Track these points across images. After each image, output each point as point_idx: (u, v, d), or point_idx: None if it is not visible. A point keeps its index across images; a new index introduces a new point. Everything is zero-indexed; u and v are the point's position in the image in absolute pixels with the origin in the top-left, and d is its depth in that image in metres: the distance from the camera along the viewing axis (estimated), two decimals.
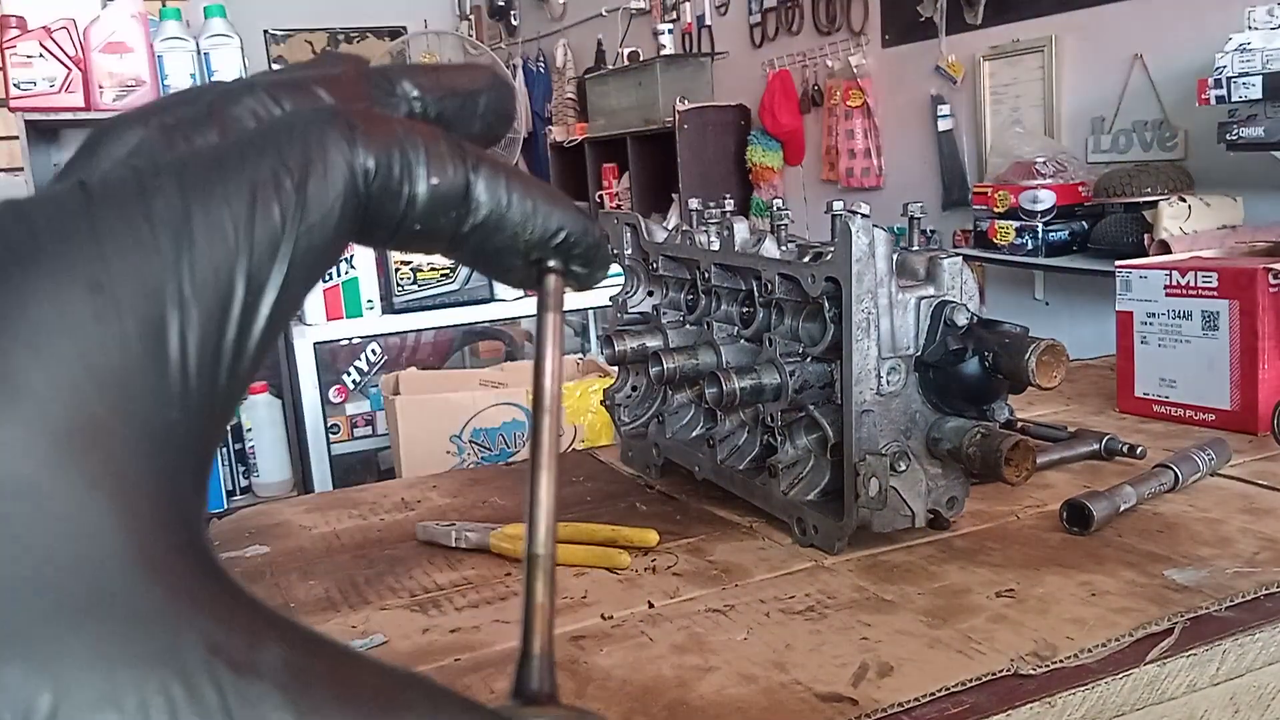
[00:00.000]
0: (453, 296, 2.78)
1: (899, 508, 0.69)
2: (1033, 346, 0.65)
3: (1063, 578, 0.65)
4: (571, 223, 0.23)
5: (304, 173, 0.19)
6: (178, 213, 0.18)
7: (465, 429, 2.27)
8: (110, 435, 0.17)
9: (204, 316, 0.18)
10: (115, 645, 0.15)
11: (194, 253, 0.18)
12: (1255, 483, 0.81)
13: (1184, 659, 0.56)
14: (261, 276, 0.19)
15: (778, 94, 4.68)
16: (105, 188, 0.18)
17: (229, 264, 0.18)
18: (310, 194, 0.19)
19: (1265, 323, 0.91)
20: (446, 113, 0.24)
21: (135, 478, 0.17)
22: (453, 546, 0.78)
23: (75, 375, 0.17)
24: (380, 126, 0.20)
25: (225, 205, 0.19)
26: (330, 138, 0.20)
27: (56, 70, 2.66)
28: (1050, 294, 3.49)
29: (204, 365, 0.18)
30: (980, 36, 3.76)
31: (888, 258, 0.68)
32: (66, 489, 0.16)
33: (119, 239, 0.18)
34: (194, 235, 0.18)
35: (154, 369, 0.17)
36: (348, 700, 0.16)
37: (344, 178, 0.20)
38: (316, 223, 0.19)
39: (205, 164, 0.19)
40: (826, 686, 0.54)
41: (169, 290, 0.18)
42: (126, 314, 0.17)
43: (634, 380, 0.94)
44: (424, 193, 0.21)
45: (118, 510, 0.16)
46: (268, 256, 0.19)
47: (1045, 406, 1.07)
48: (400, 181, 0.20)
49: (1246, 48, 2.52)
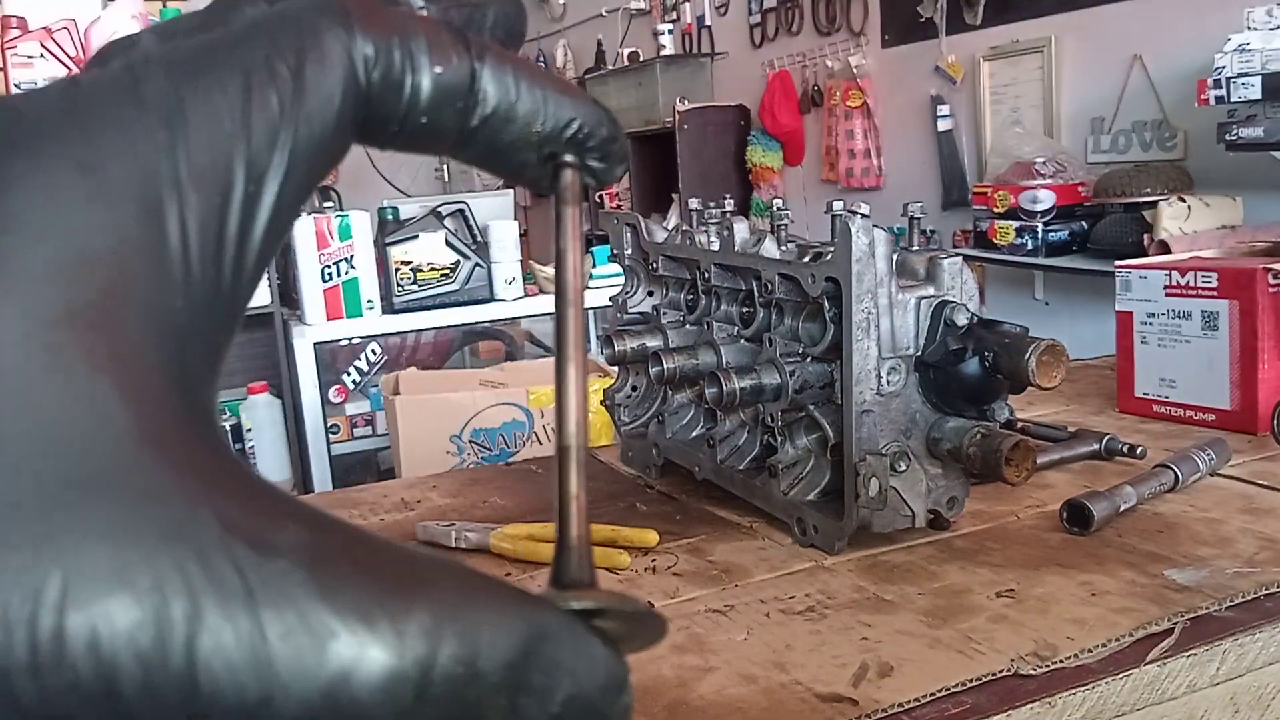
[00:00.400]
0: (453, 296, 2.78)
1: (899, 508, 0.69)
2: (1033, 346, 0.65)
3: (1063, 578, 0.65)
4: (585, 113, 0.22)
5: (300, 59, 0.19)
6: (169, 98, 0.18)
7: (465, 429, 2.27)
8: (110, 319, 0.16)
9: (203, 203, 0.17)
10: (125, 522, 0.14)
11: (189, 137, 0.17)
12: (1255, 483, 0.81)
13: (1184, 659, 0.56)
14: (261, 164, 0.18)
15: (777, 94, 4.68)
16: (96, 81, 0.18)
17: (226, 150, 0.18)
18: (308, 80, 0.19)
19: (1265, 323, 0.91)
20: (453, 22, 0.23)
21: (139, 360, 0.16)
22: (453, 546, 0.78)
23: (68, 257, 0.16)
24: (379, 15, 0.20)
25: (219, 90, 0.18)
26: (325, 25, 0.19)
27: (57, 71, 2.66)
28: (1050, 294, 3.49)
29: (206, 253, 0.17)
30: (980, 37, 3.76)
31: (888, 258, 0.68)
32: (66, 370, 0.15)
33: (106, 121, 0.17)
34: (187, 119, 0.17)
35: (153, 254, 0.17)
36: (373, 576, 0.15)
37: (343, 64, 0.19)
38: (316, 110, 0.19)
39: (196, 52, 0.18)
40: (827, 687, 0.54)
41: (164, 174, 0.17)
42: (120, 197, 0.17)
43: (634, 380, 0.94)
44: (427, 82, 0.20)
45: (122, 389, 0.16)
46: (266, 144, 0.18)
47: (1045, 406, 1.07)
48: (402, 70, 0.19)
49: (1246, 48, 2.52)
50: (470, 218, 2.85)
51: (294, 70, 0.18)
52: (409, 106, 0.20)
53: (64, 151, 0.17)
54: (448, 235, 2.77)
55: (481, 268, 2.80)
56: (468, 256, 2.78)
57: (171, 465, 0.15)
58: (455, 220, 2.82)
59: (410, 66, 0.20)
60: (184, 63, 0.18)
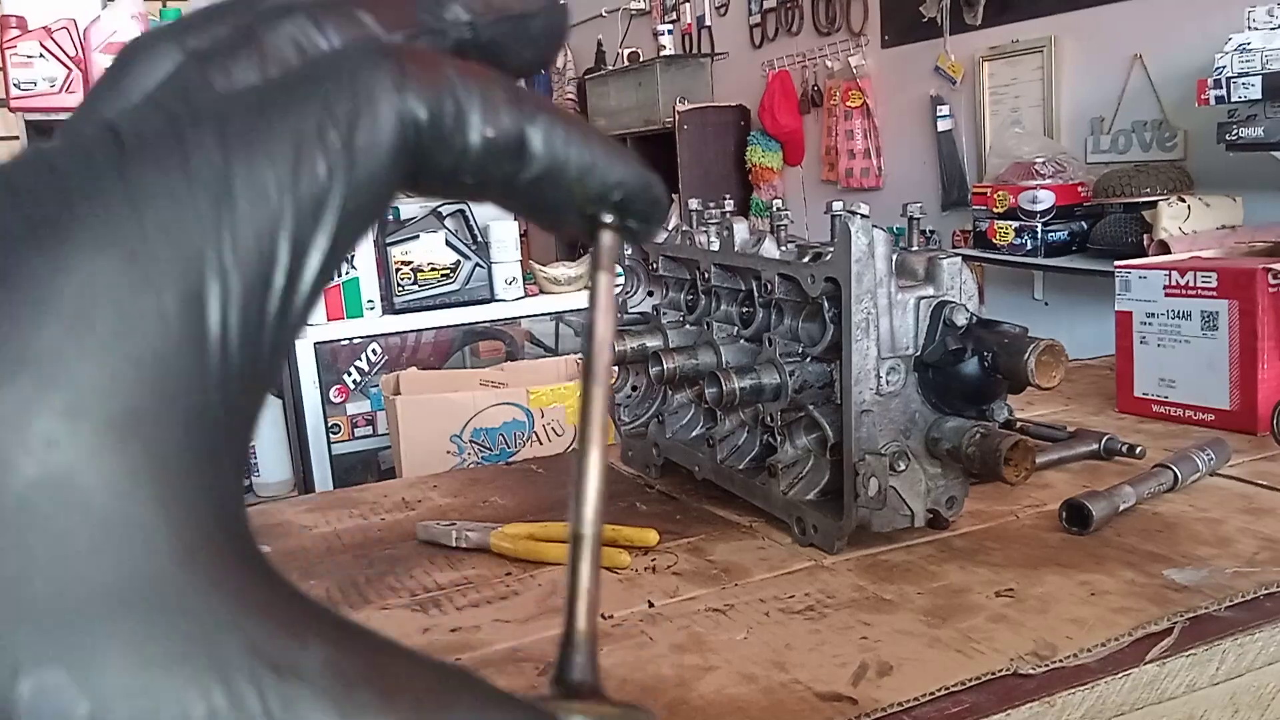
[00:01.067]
0: (453, 296, 2.78)
1: (898, 507, 0.69)
2: (1032, 346, 0.65)
3: (1062, 577, 0.65)
4: (631, 177, 0.21)
5: (351, 125, 0.18)
6: (219, 171, 0.17)
7: (466, 429, 2.27)
8: (149, 422, 0.16)
9: (245, 287, 0.17)
10: (156, 648, 0.14)
11: (235, 216, 0.17)
12: (1255, 483, 0.81)
13: (1183, 659, 0.56)
14: (305, 240, 0.17)
15: (777, 94, 4.68)
16: (139, 137, 0.17)
17: (271, 228, 0.17)
18: (358, 148, 0.18)
19: (1265, 323, 0.91)
20: (498, 38, 0.22)
21: (175, 466, 0.16)
22: (453, 546, 0.78)
23: (113, 357, 0.15)
24: (432, 70, 0.19)
25: (268, 163, 0.17)
26: (379, 84, 0.18)
27: (57, 70, 2.67)
28: (1049, 294, 3.49)
29: (246, 339, 0.17)
30: (980, 37, 3.76)
31: (887, 258, 0.68)
32: (106, 482, 0.15)
33: (157, 202, 0.16)
34: (235, 197, 0.17)
35: (193, 347, 0.16)
36: (391, 700, 0.16)
37: (393, 129, 0.18)
38: (364, 180, 0.18)
39: (247, 113, 0.17)
40: (826, 686, 0.54)
41: (209, 258, 0.16)
42: (164, 286, 0.16)
43: (634, 380, 0.94)
44: (477, 144, 0.19)
45: (158, 503, 0.15)
46: (312, 218, 0.17)
47: (1044, 406, 1.07)
48: (453, 132, 0.19)
49: (1246, 48, 2.52)
50: (471, 218, 2.85)
51: (345, 138, 0.18)
52: (456, 165, 0.19)
53: (116, 238, 0.16)
54: (448, 235, 2.77)
55: (482, 268, 2.80)
56: (468, 257, 2.79)
57: (202, 583, 0.15)
58: (455, 220, 2.82)
59: (461, 127, 0.19)
60: (235, 126, 0.17)
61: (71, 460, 0.15)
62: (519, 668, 0.58)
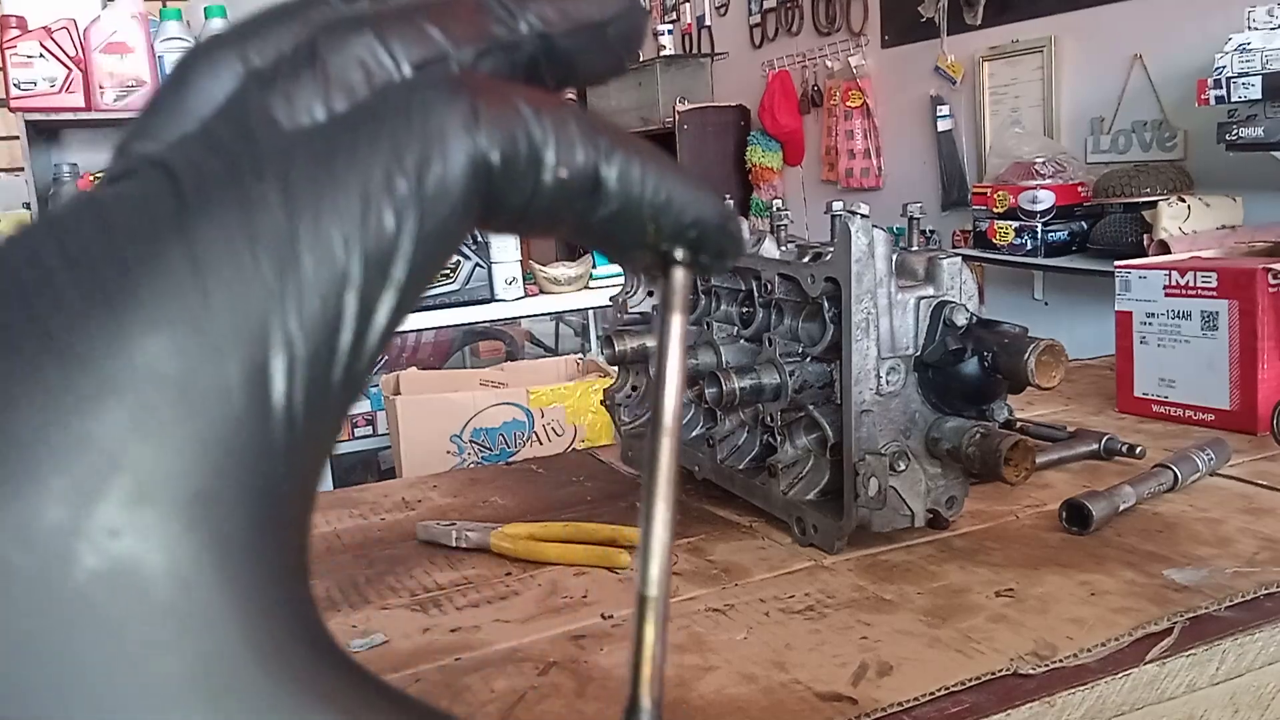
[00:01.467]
0: (453, 296, 2.78)
1: (898, 507, 0.69)
2: (1032, 346, 0.65)
3: (1062, 577, 0.65)
4: (708, 213, 0.20)
5: (421, 171, 0.17)
6: (283, 230, 0.16)
7: (466, 429, 2.27)
8: (214, 504, 0.15)
9: (310, 354, 0.16)
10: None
11: (300, 280, 0.16)
12: (1254, 483, 0.81)
13: (1183, 659, 0.56)
14: (372, 300, 0.16)
15: (777, 94, 4.68)
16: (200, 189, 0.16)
17: (338, 291, 0.16)
18: (428, 196, 0.17)
19: (1264, 323, 0.91)
20: (573, 49, 0.21)
21: (240, 548, 0.15)
22: (453, 546, 0.78)
23: (177, 437, 0.15)
24: (505, 106, 0.18)
25: (335, 218, 0.16)
26: (450, 124, 0.17)
27: (57, 70, 2.66)
28: (1050, 294, 3.49)
29: (311, 408, 0.16)
30: (980, 37, 3.76)
31: (887, 258, 0.68)
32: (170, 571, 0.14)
33: (220, 267, 0.15)
34: (301, 258, 0.16)
35: (258, 421, 0.15)
36: None
37: (464, 173, 0.17)
38: (433, 229, 0.17)
39: (312, 161, 0.16)
40: (826, 686, 0.54)
41: (274, 327, 0.15)
42: (228, 359, 0.15)
43: (634, 380, 0.94)
44: (550, 184, 0.18)
45: (224, 590, 0.15)
46: (379, 276, 0.16)
47: (1044, 406, 1.07)
48: (525, 172, 0.18)
49: (1246, 48, 2.52)
50: None
51: (415, 186, 0.17)
52: (526, 206, 0.18)
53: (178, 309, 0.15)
54: None
55: (482, 268, 2.80)
56: (468, 256, 2.78)
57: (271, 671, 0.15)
58: None
59: (535, 167, 0.18)
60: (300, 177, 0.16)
61: (134, 550, 0.14)
62: (519, 668, 0.58)
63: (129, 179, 0.17)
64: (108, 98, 2.69)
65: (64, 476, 0.14)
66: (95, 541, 0.14)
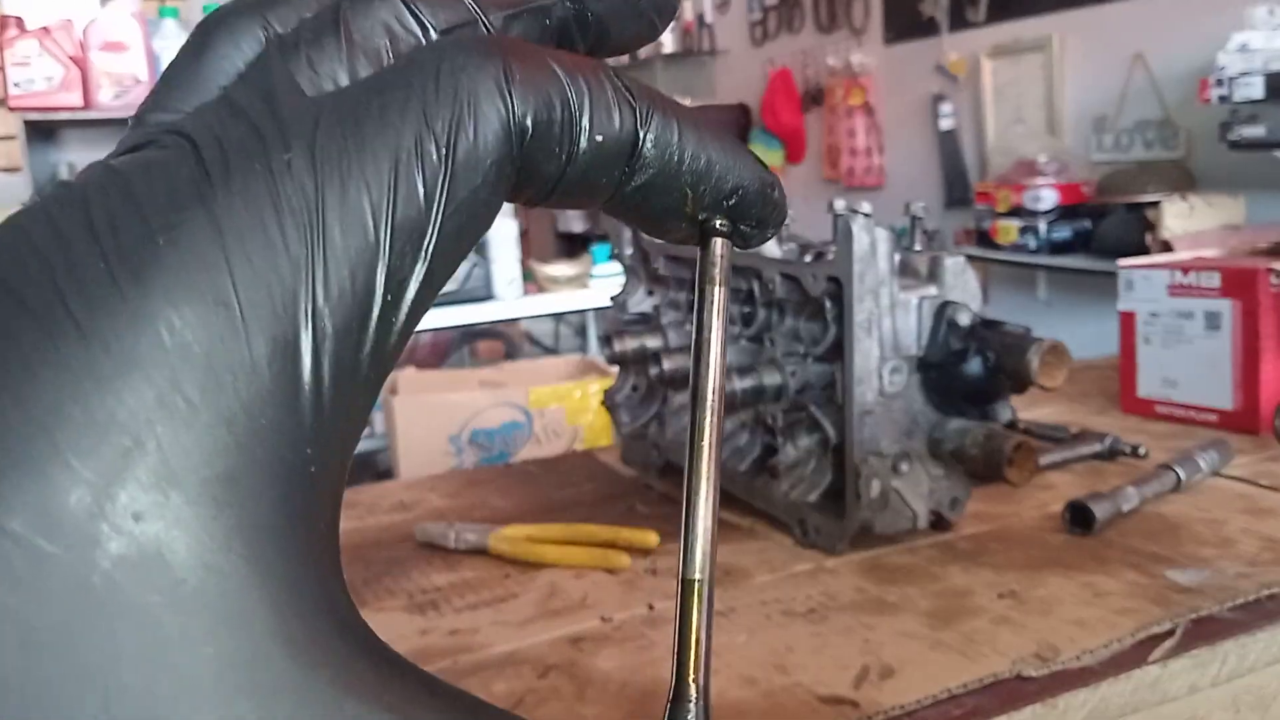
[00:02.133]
0: (452, 296, 2.77)
1: (901, 509, 0.69)
2: (1035, 347, 0.64)
3: (1065, 579, 0.65)
4: (750, 180, 0.20)
5: (453, 137, 0.16)
6: (310, 201, 0.15)
7: (464, 430, 2.26)
8: (242, 486, 0.14)
9: (339, 330, 0.15)
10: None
11: (328, 252, 0.15)
12: (1257, 483, 0.81)
13: (1186, 660, 0.55)
14: (403, 272, 0.16)
15: (779, 92, 4.68)
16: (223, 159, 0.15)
17: (368, 262, 0.15)
18: (459, 163, 0.16)
19: (1267, 323, 0.91)
20: (605, 13, 0.20)
21: (270, 533, 0.14)
22: (451, 548, 0.78)
23: (203, 417, 0.14)
24: (539, 69, 0.17)
25: (363, 188, 0.15)
26: (483, 88, 0.16)
27: (55, 69, 2.66)
28: (1053, 294, 3.49)
29: (339, 390, 0.15)
30: (982, 35, 3.76)
31: (889, 257, 0.68)
32: (198, 556, 0.14)
33: (245, 239, 0.15)
34: (329, 229, 0.15)
35: (285, 400, 0.15)
36: None
37: (498, 139, 0.16)
38: (465, 198, 0.16)
39: (339, 129, 0.16)
40: (828, 689, 0.54)
41: (301, 301, 0.15)
42: (254, 335, 0.14)
43: (634, 380, 0.94)
44: (586, 150, 0.17)
45: (254, 576, 0.14)
46: (410, 247, 0.16)
47: (1048, 407, 1.06)
48: (561, 138, 0.17)
49: (1248, 47, 2.52)
50: None
51: (446, 153, 0.16)
52: (562, 174, 0.18)
53: (204, 283, 0.14)
54: None
55: (481, 267, 2.80)
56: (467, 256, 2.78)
57: (303, 661, 0.14)
58: None
59: (570, 134, 0.17)
60: (327, 144, 0.15)
61: (161, 534, 0.13)
62: (517, 670, 0.58)
63: (149, 149, 0.16)
64: (106, 97, 2.69)
65: (86, 457, 0.13)
66: (118, 525, 0.13)
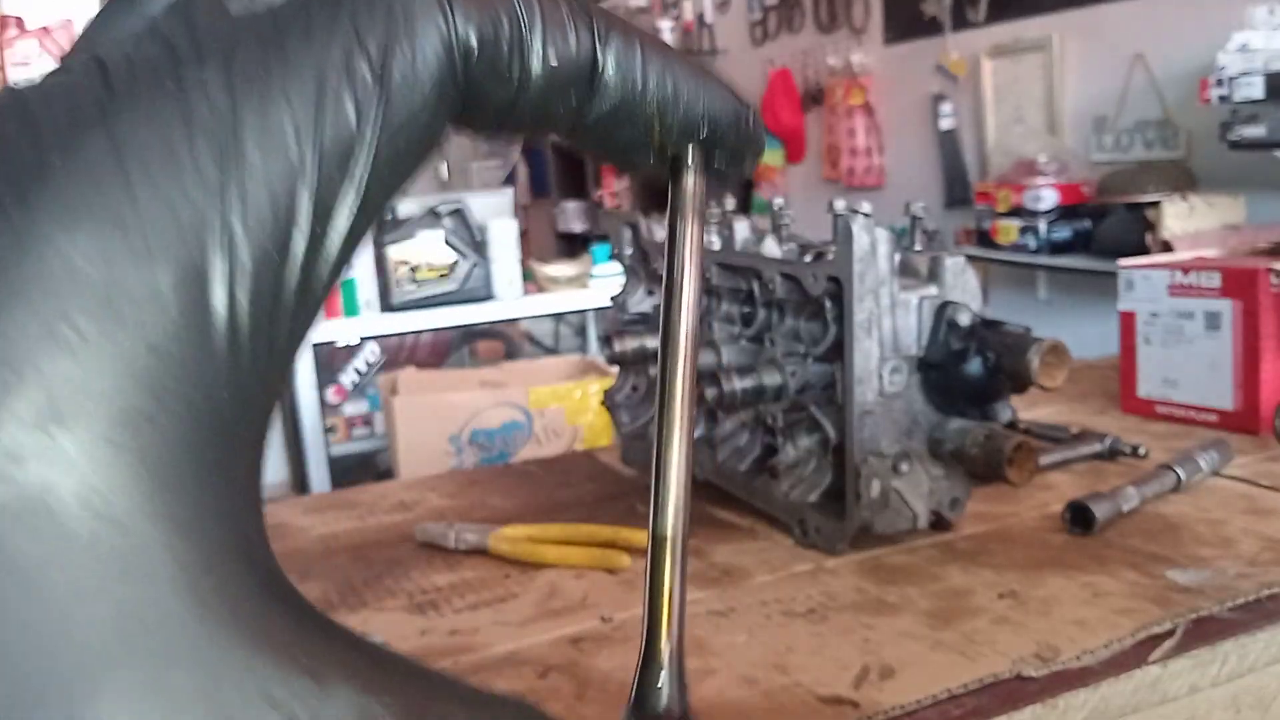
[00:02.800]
0: (451, 296, 2.77)
1: (901, 509, 0.69)
2: (1035, 347, 0.64)
3: (1065, 579, 0.65)
4: (720, 107, 0.18)
5: (386, 53, 0.15)
6: (224, 118, 0.14)
7: (464, 429, 2.26)
8: (144, 427, 0.13)
9: (257, 261, 0.14)
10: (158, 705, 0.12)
11: (245, 173, 0.14)
12: (1257, 483, 0.81)
13: (1186, 660, 0.55)
14: (330, 199, 0.15)
15: (779, 92, 4.68)
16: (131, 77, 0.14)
17: (289, 187, 0.14)
18: (395, 85, 0.15)
19: (1267, 323, 0.91)
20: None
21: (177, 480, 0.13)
22: (451, 548, 0.78)
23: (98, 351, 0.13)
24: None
25: (285, 105, 0.14)
26: (421, 2, 0.15)
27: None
28: (1053, 293, 3.49)
29: (258, 325, 0.14)
30: (982, 35, 3.76)
31: (889, 257, 0.68)
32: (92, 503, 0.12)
33: (149, 158, 0.13)
34: (245, 148, 0.14)
35: (194, 334, 0.13)
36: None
37: (437, 57, 0.15)
38: (402, 121, 0.15)
39: (259, 44, 0.14)
40: (828, 689, 0.54)
41: (212, 227, 0.14)
42: (159, 262, 0.13)
43: (634, 380, 0.94)
44: (539, 74, 0.16)
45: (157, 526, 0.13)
46: (338, 172, 0.14)
47: (1048, 407, 1.06)
48: (509, 60, 0.16)
49: (1248, 47, 2.52)
50: (468, 217, 2.85)
51: (378, 71, 0.15)
52: (513, 100, 0.16)
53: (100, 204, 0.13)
54: (446, 234, 2.76)
55: (480, 267, 2.80)
56: (466, 256, 2.78)
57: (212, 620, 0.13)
58: (454, 219, 2.82)
59: (519, 55, 0.16)
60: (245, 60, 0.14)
61: (45, 478, 0.12)
62: (518, 670, 0.58)
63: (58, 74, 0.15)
64: None
65: None
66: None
